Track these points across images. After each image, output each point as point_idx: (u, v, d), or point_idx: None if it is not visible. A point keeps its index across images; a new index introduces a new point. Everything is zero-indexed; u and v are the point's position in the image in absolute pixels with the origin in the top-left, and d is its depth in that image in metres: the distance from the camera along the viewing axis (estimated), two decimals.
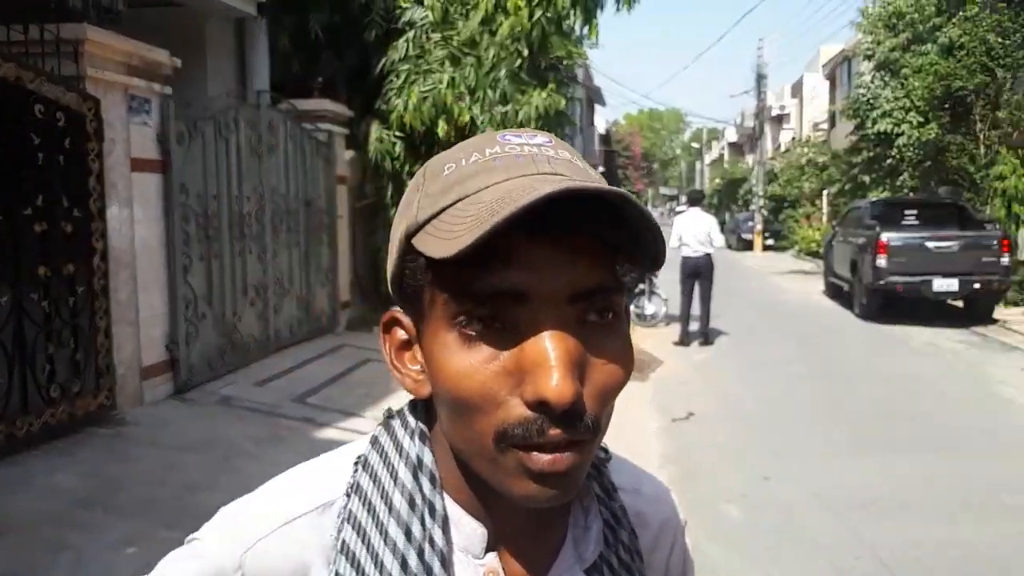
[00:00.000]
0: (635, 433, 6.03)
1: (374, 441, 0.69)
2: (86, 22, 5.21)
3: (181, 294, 5.99)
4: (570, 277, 0.57)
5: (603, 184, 0.56)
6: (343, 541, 0.64)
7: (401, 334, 0.66)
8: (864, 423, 6.37)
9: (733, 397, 7.35)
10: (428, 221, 0.59)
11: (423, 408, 0.68)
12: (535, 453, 0.57)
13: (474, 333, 0.57)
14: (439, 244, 0.56)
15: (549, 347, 0.56)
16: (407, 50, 9.33)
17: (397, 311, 0.66)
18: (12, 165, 4.53)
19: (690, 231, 9.77)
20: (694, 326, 10.07)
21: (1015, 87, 13.84)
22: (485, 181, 0.59)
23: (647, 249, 0.59)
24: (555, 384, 0.54)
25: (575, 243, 0.57)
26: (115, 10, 6.12)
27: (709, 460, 5.55)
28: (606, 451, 0.76)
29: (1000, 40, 13.50)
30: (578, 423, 0.57)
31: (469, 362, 0.57)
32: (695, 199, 10.59)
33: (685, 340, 9.94)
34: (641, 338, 10.12)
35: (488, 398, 0.57)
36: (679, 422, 6.50)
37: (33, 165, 4.67)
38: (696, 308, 10.02)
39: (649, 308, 11.08)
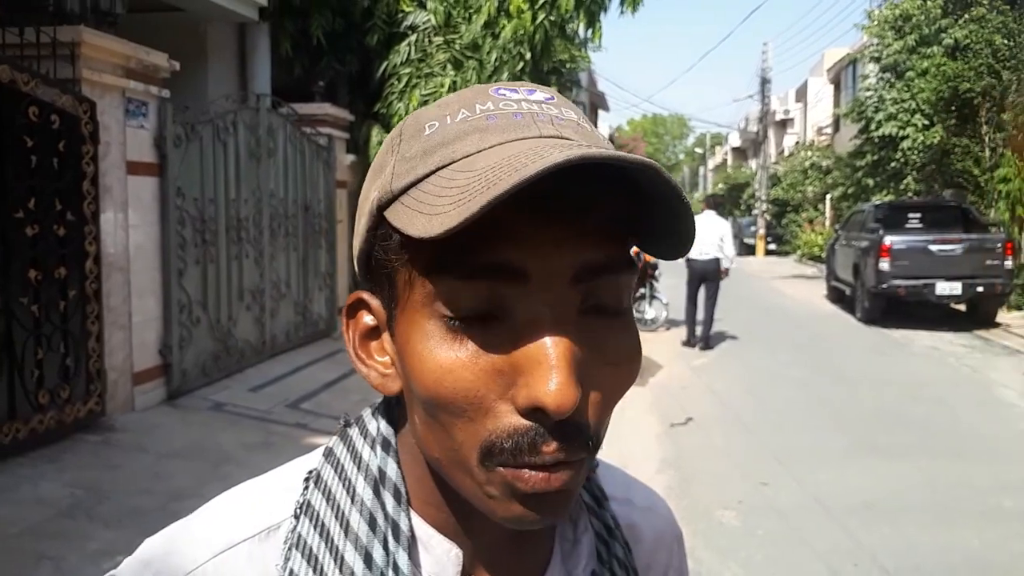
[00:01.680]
0: (634, 438, 5.98)
1: (328, 454, 0.60)
2: (83, 25, 5.19)
3: (175, 299, 5.95)
4: (575, 254, 0.48)
5: (619, 151, 0.46)
6: (290, 571, 0.54)
7: (368, 320, 0.57)
8: (864, 428, 6.31)
9: (732, 402, 7.29)
10: (405, 190, 0.50)
11: (386, 412, 0.60)
12: (525, 471, 0.48)
13: (461, 322, 0.48)
14: (419, 220, 0.47)
15: (548, 343, 0.47)
16: (409, 54, 9.32)
17: (364, 293, 0.57)
18: (4, 167, 4.50)
19: (701, 234, 9.70)
20: (698, 329, 10.06)
21: (1020, 89, 13.77)
22: (476, 144, 0.49)
23: (670, 232, 0.51)
24: (554, 388, 0.46)
25: (583, 222, 0.49)
26: (113, 13, 6.12)
27: (708, 466, 5.50)
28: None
29: (1006, 42, 13.46)
30: (578, 436, 0.49)
31: (454, 356, 0.48)
32: (713, 203, 10.54)
33: (692, 341, 9.93)
34: (641, 342, 10.06)
35: (474, 402, 0.48)
36: (678, 427, 6.44)
37: (26, 167, 4.64)
38: (699, 313, 9.98)
39: (650, 312, 11.03)
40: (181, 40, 7.61)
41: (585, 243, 0.49)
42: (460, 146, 0.50)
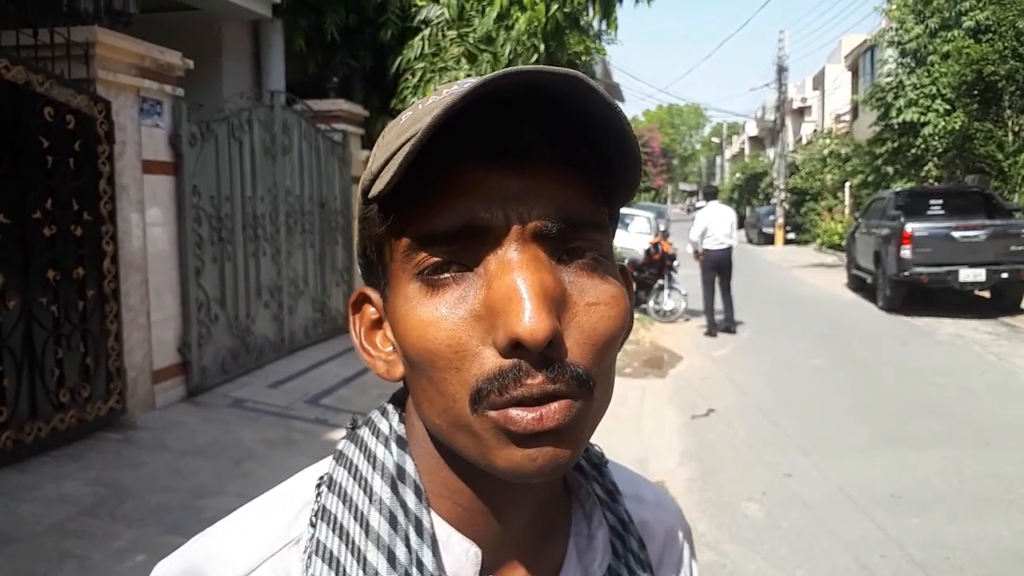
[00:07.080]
0: (654, 430, 5.94)
1: (339, 456, 0.59)
2: (97, 25, 5.19)
3: (193, 297, 5.96)
4: (534, 209, 0.50)
5: (526, 68, 0.47)
6: None
7: (371, 313, 0.59)
8: (888, 417, 6.22)
9: (754, 392, 7.22)
10: (382, 169, 0.52)
11: (397, 410, 0.60)
12: (515, 410, 0.48)
13: (438, 279, 0.51)
14: (379, 184, 0.51)
15: (519, 279, 0.48)
16: (423, 48, 9.30)
17: (366, 288, 0.59)
18: (21, 168, 4.50)
19: (716, 223, 9.97)
20: (718, 317, 10.11)
21: None
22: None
23: (623, 160, 0.52)
24: (528, 320, 0.47)
25: (538, 168, 0.51)
26: (127, 13, 6.12)
27: (730, 457, 5.44)
28: (601, 454, 0.67)
29: None
30: (563, 370, 0.49)
31: (435, 310, 0.50)
32: (711, 194, 10.96)
33: (713, 331, 9.95)
34: (660, 334, 10.02)
35: (458, 349, 0.49)
36: (699, 419, 6.38)
37: (42, 168, 4.64)
38: (718, 302, 10.07)
39: (668, 303, 10.99)
40: (195, 39, 7.62)
41: (541, 192, 0.50)
42: (424, 122, 0.50)
